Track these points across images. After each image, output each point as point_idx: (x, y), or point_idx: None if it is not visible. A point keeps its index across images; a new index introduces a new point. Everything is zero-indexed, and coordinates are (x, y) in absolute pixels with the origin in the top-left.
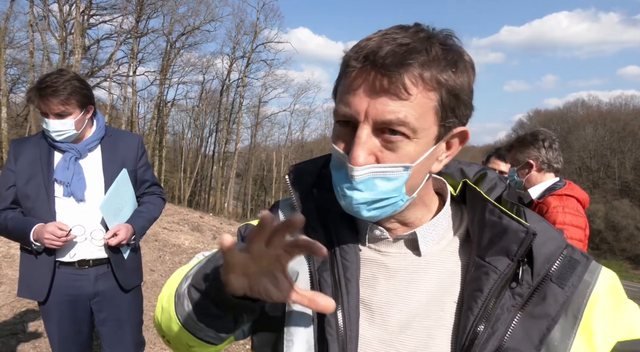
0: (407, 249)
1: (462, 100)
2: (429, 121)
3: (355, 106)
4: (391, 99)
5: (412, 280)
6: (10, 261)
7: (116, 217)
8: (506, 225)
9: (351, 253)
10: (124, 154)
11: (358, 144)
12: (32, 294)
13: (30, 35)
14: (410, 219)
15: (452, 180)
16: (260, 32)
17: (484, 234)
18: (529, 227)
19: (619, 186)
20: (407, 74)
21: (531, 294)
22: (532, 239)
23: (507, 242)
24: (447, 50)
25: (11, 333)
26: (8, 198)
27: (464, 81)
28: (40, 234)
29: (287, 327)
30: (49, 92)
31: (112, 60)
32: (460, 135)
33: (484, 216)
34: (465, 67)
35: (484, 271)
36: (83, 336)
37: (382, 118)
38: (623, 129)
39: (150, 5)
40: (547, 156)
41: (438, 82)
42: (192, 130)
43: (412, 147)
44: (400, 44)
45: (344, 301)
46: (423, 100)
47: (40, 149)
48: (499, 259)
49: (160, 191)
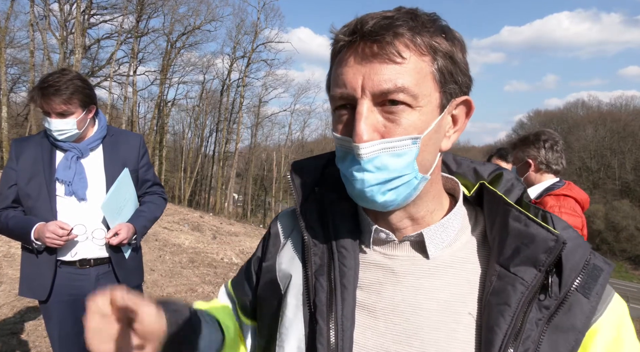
0: (415, 252)
1: (458, 66)
2: (428, 87)
3: (350, 83)
4: (385, 64)
5: (420, 286)
6: (11, 260)
7: (117, 216)
8: (533, 233)
9: (350, 258)
10: (126, 154)
11: (359, 119)
12: (33, 293)
13: (31, 35)
14: (421, 212)
15: (464, 180)
16: (261, 32)
17: (507, 241)
18: (559, 235)
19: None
20: (397, 38)
21: (558, 306)
22: (562, 248)
23: (534, 251)
24: (434, 20)
25: (11, 332)
26: (9, 197)
27: (457, 48)
28: (42, 233)
29: (279, 332)
30: (51, 91)
31: (112, 59)
32: (464, 105)
33: (507, 222)
34: (456, 38)
35: (509, 282)
36: (83, 336)
37: (379, 88)
38: (623, 130)
39: (150, 5)
40: (546, 157)
41: (431, 46)
42: (192, 130)
43: (416, 116)
44: (385, 17)
45: (337, 308)
46: (419, 65)
47: (42, 148)
48: (526, 270)
49: (161, 191)
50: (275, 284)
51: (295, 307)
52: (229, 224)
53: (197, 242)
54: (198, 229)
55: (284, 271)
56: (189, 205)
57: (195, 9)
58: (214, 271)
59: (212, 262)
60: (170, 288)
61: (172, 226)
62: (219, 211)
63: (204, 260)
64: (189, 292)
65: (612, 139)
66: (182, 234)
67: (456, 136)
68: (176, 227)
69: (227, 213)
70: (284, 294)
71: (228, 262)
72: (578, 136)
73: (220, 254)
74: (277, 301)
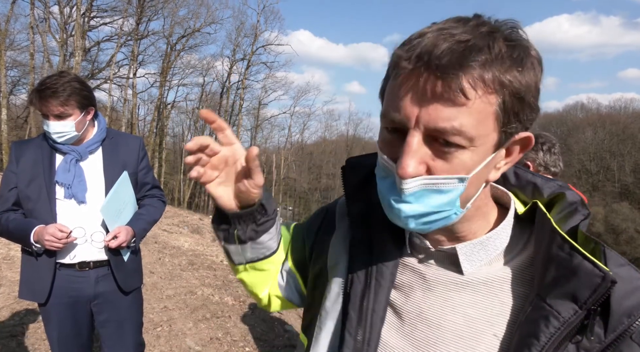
0: (449, 265)
1: (527, 103)
2: (488, 127)
3: (405, 111)
4: (446, 105)
5: (449, 298)
6: (10, 262)
7: (117, 219)
8: (577, 265)
9: (390, 257)
10: (125, 157)
11: (407, 152)
12: (33, 295)
13: (31, 37)
14: (463, 232)
15: (522, 195)
16: (261, 35)
17: (548, 270)
18: (606, 273)
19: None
20: (466, 76)
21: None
22: (610, 287)
23: (575, 286)
24: (513, 46)
25: (10, 335)
26: (10, 200)
27: (530, 81)
28: (41, 235)
29: (320, 312)
30: (48, 93)
31: (112, 62)
32: (522, 142)
33: (551, 249)
34: (532, 64)
35: (543, 314)
36: (83, 338)
37: (435, 125)
38: (623, 132)
39: (150, 7)
40: (545, 159)
41: (501, 84)
42: (192, 133)
43: (468, 156)
44: (458, 41)
45: (369, 303)
46: (482, 106)
47: (41, 151)
48: (564, 304)
49: (160, 194)
50: (324, 267)
51: (336, 294)
52: None
53: (196, 244)
54: (198, 231)
55: (332, 258)
56: (189, 207)
57: (195, 11)
58: (214, 273)
59: (212, 265)
60: (169, 290)
61: (172, 228)
62: None
63: (204, 262)
64: (188, 295)
65: (611, 141)
66: (182, 236)
67: (507, 167)
68: (176, 230)
69: None
70: (329, 279)
71: (227, 265)
72: (577, 139)
73: (220, 256)
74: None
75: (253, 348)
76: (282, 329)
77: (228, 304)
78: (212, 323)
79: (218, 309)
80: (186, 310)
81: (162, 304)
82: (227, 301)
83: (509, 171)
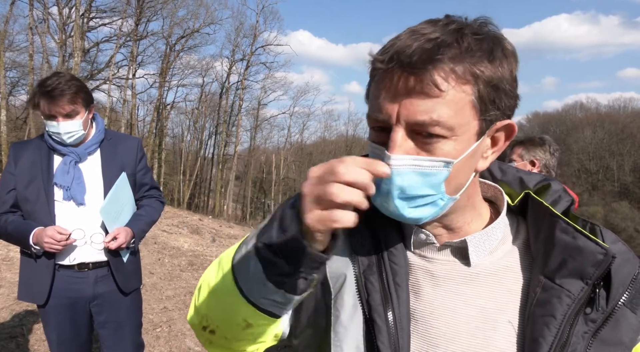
0: (455, 258)
1: (502, 90)
2: (466, 116)
3: (385, 110)
4: (421, 98)
5: (460, 292)
6: (9, 264)
7: (116, 220)
8: (581, 246)
9: (400, 256)
10: (123, 158)
11: (393, 146)
12: (32, 297)
13: (30, 38)
14: (458, 223)
15: (509, 188)
16: (260, 35)
17: (553, 253)
18: (608, 249)
19: (617, 188)
20: (436, 70)
21: (605, 319)
22: (611, 262)
23: (581, 264)
24: (481, 39)
25: (10, 336)
26: (8, 201)
27: (504, 70)
28: (40, 237)
29: (334, 330)
30: (57, 93)
31: (111, 63)
32: (505, 129)
33: (554, 234)
34: (505, 55)
35: (555, 294)
36: (82, 339)
37: (414, 119)
38: (622, 132)
39: (149, 8)
40: (550, 161)
41: (473, 75)
42: (191, 133)
43: (451, 145)
44: (428, 40)
45: (394, 307)
46: (457, 96)
47: (40, 153)
48: (572, 282)
49: (159, 194)
50: (325, 283)
51: (352, 306)
52: (229, 227)
53: (196, 245)
54: (197, 232)
55: (335, 270)
56: (188, 208)
57: (194, 12)
58: None
59: None
60: (169, 291)
61: (171, 229)
62: (218, 213)
63: (203, 263)
64: (188, 295)
65: (610, 140)
66: (181, 237)
67: (495, 156)
68: (175, 230)
69: (227, 216)
70: (337, 293)
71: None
72: (576, 138)
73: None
74: (327, 299)
75: None
76: None
77: None
78: None
79: None
80: (186, 311)
81: (162, 304)
82: None
83: (494, 167)
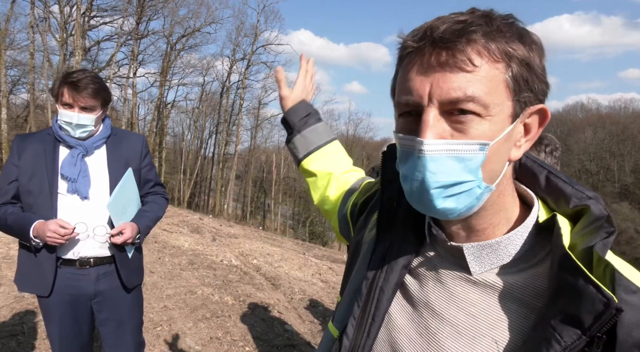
0: (460, 261)
1: (535, 72)
2: (500, 96)
3: (417, 90)
4: (454, 73)
5: (456, 294)
6: (10, 262)
7: (122, 216)
8: (580, 288)
9: (408, 244)
10: (129, 154)
11: (425, 128)
12: (36, 288)
13: (31, 37)
14: (482, 225)
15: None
16: (261, 34)
17: (555, 288)
18: (610, 298)
19: (618, 189)
20: (470, 44)
21: None
22: (615, 315)
23: (579, 310)
24: (510, 24)
25: (10, 334)
26: (9, 192)
27: (534, 55)
28: (41, 231)
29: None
30: (82, 84)
31: (112, 61)
32: (539, 114)
33: (560, 267)
34: (534, 42)
35: (546, 336)
36: (83, 337)
37: (448, 97)
38: (622, 132)
39: (150, 7)
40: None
41: (506, 53)
42: (192, 132)
43: (486, 126)
44: (458, 21)
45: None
46: (491, 72)
47: (44, 145)
48: (567, 328)
49: (163, 191)
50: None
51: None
52: (229, 226)
53: (196, 244)
54: (197, 231)
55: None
56: (189, 207)
57: (195, 11)
58: (214, 273)
59: (212, 264)
60: (169, 290)
61: (172, 227)
62: (219, 212)
63: (204, 262)
64: (188, 294)
65: (611, 141)
66: (182, 236)
67: (528, 145)
68: (176, 229)
69: (227, 215)
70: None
71: (227, 264)
72: (577, 139)
73: (220, 256)
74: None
75: (253, 348)
76: (281, 328)
77: (228, 303)
78: (212, 323)
79: (218, 309)
80: (186, 309)
81: (162, 303)
82: (227, 301)
83: (541, 175)
